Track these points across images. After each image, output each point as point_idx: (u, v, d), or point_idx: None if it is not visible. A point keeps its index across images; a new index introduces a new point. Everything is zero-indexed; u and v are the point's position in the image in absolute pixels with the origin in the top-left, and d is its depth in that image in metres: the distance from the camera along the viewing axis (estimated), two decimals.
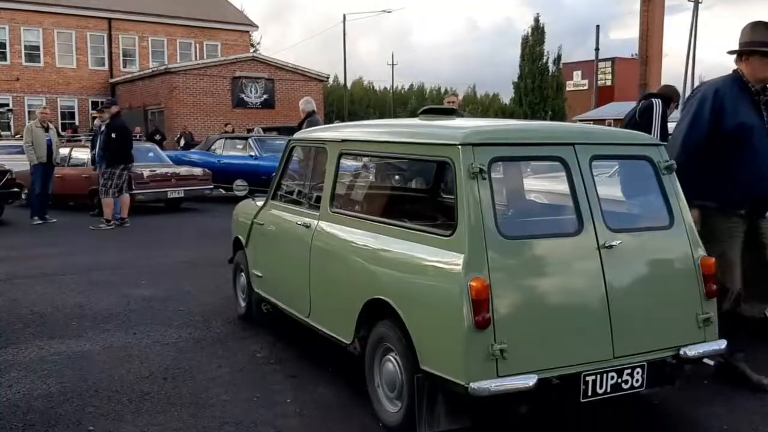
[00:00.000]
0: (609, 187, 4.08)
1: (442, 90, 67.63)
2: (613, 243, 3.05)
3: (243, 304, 5.23)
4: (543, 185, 5.46)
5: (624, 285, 3.09)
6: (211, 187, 13.74)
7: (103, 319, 5.21)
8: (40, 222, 11.05)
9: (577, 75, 51.48)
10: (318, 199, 4.07)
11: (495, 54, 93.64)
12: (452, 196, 3.81)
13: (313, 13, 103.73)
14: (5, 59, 28.96)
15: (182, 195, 13.02)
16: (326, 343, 3.86)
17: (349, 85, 44.54)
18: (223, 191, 14.73)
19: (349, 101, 41.72)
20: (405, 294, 3.11)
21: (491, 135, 3.12)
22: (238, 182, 5.25)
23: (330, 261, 3.79)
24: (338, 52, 40.97)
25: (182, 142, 21.17)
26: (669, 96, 5.77)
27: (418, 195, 4.44)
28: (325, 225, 3.89)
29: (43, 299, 5.85)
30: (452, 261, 2.84)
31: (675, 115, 5.82)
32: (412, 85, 69.96)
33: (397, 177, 4.54)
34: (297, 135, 4.66)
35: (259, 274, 4.80)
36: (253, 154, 14.75)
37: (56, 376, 3.96)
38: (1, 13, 28.45)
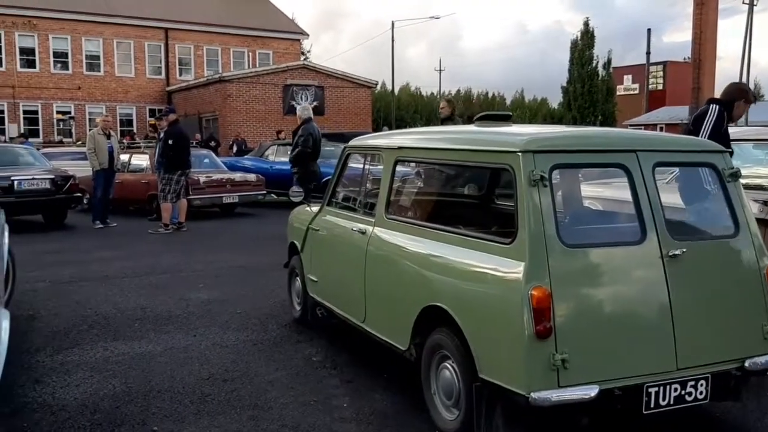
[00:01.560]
0: (671, 194, 3.99)
1: (490, 95, 67.15)
2: (677, 252, 2.99)
3: (298, 308, 5.31)
4: (598, 192, 5.37)
5: (688, 295, 3.02)
6: (264, 192, 13.97)
7: (163, 321, 5.35)
8: (102, 226, 11.42)
9: (627, 79, 50.50)
10: (373, 206, 4.10)
11: (544, 58, 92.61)
12: (509, 203, 3.80)
13: (362, 21, 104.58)
14: (67, 69, 30.12)
15: (236, 200, 13.27)
16: (381, 348, 3.89)
17: (396, 90, 44.67)
18: (275, 196, 14.98)
19: (396, 107, 41.82)
20: (463, 302, 3.11)
21: (552, 142, 3.09)
22: (294, 188, 5.35)
23: (386, 267, 3.81)
24: (386, 58, 41.14)
25: (235, 149, 21.59)
26: (731, 99, 5.44)
27: (474, 201, 4.42)
28: (380, 231, 3.92)
29: (107, 301, 6.05)
30: (512, 269, 2.83)
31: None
32: (459, 90, 69.63)
33: (452, 183, 4.53)
34: (352, 142, 4.71)
35: (314, 279, 4.86)
36: None
37: (121, 377, 4.09)
38: (64, 24, 29.61)
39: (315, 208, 5.15)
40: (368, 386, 3.94)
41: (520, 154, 2.90)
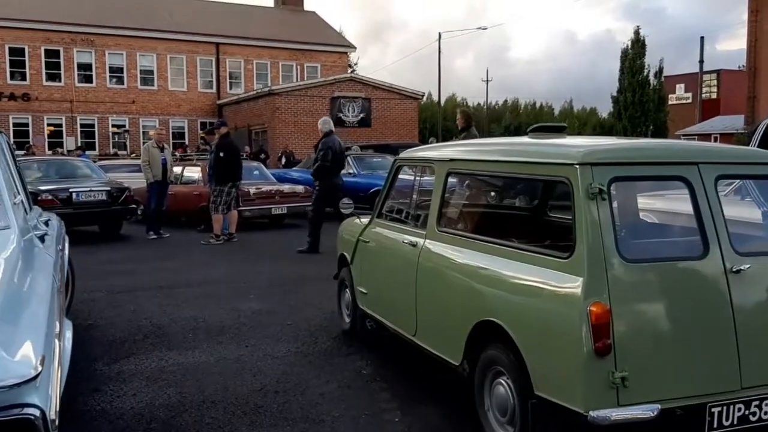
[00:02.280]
0: (734, 207, 3.86)
1: (537, 105, 66.44)
2: (741, 267, 2.89)
3: (347, 320, 5.31)
4: (653, 204, 5.23)
5: (753, 312, 2.92)
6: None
7: (216, 332, 5.43)
8: (156, 237, 11.68)
9: (680, 88, 49.35)
10: (425, 218, 4.08)
11: (593, 67, 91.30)
12: (565, 216, 3.73)
13: (409, 33, 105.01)
14: (123, 83, 31.10)
15: (285, 211, 13.41)
16: (432, 361, 3.85)
17: (442, 101, 44.65)
18: None
19: (442, 117, 41.81)
20: (518, 317, 3.05)
21: (611, 154, 3.02)
22: (345, 200, 5.36)
23: (438, 280, 3.78)
24: (433, 69, 41.16)
25: (283, 160, 21.89)
26: None
27: (528, 214, 4.36)
28: (432, 244, 3.90)
29: (161, 311, 6.17)
30: (570, 284, 2.77)
31: None
32: (506, 100, 69.16)
33: (505, 196, 4.48)
34: (403, 154, 4.70)
35: (364, 291, 4.86)
36: (351, 171, 15.04)
37: (175, 387, 4.15)
38: (120, 40, 30.61)
39: (365, 220, 5.16)
40: (419, 400, 3.91)
41: (578, 166, 2.85)
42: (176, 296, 6.90)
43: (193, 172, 13.70)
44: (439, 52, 39.79)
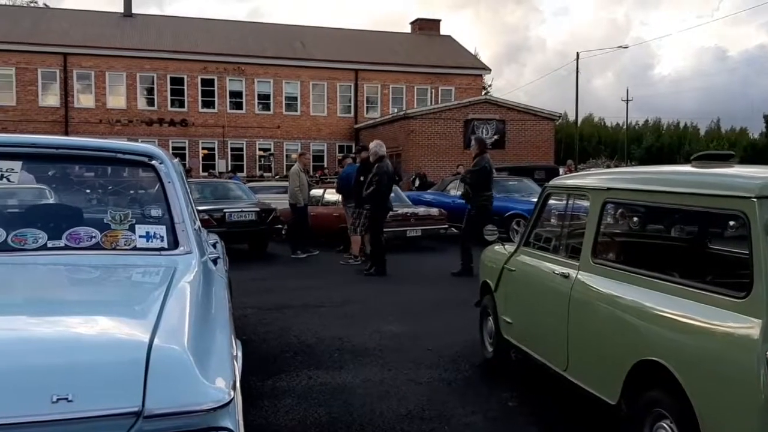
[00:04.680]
0: None
1: (681, 125, 62.66)
2: None
3: (490, 348, 5.24)
4: None
5: None
6: (446, 226, 14.12)
7: (359, 353, 5.55)
8: (304, 256, 12.19)
9: None
10: (578, 249, 3.95)
11: (745, 85, 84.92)
12: (735, 251, 3.47)
13: (546, 53, 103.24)
14: (269, 109, 33.01)
15: (419, 234, 13.53)
16: (583, 397, 3.70)
17: (579, 122, 43.35)
18: (456, 230, 15.06)
19: (579, 138, 40.52)
20: (685, 359, 2.86)
21: None
22: (489, 227, 5.32)
23: (593, 315, 3.64)
24: (570, 89, 40.11)
25: (417, 183, 22.14)
26: None
27: (693, 248, 4.09)
28: (585, 276, 3.76)
29: (308, 329, 6.41)
30: (746, 326, 2.56)
31: None
32: (647, 120, 65.89)
33: (667, 228, 4.24)
34: (553, 182, 4.60)
35: (509, 321, 4.77)
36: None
37: (325, 406, 4.28)
38: (268, 69, 32.57)
39: (509, 248, 5.09)
40: None
41: (755, 200, 2.64)
42: (320, 315, 7.14)
43: (333, 194, 14.20)
44: (577, 71, 38.82)
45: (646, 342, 3.12)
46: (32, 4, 45.55)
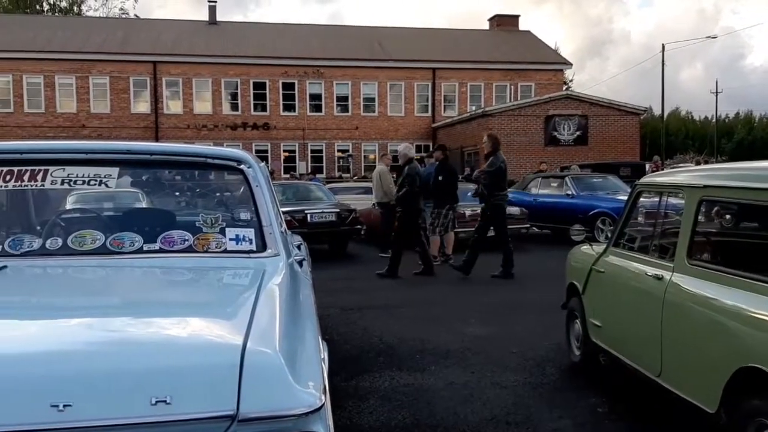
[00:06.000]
0: None
1: None
2: None
3: (577, 352, 5.08)
4: None
5: None
6: (528, 226, 13.85)
7: (442, 355, 5.50)
8: (387, 256, 12.25)
9: None
10: (671, 249, 3.77)
11: None
12: None
13: (631, 46, 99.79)
14: (347, 111, 33.44)
15: None
16: (677, 404, 3.52)
17: (665, 116, 41.64)
18: (537, 230, 14.77)
19: (666, 133, 38.92)
20: None
21: None
22: (576, 227, 5.19)
23: (689, 319, 3.46)
24: (655, 82, 38.64)
25: None
26: None
27: None
28: (681, 278, 3.58)
29: (389, 330, 6.42)
30: None
31: None
32: (737, 113, 62.62)
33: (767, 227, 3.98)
34: (644, 180, 4.42)
35: (598, 324, 4.62)
36: (569, 193, 14.53)
37: (408, 408, 4.26)
38: (346, 71, 33.00)
39: (597, 248, 4.92)
40: None
41: None
42: (401, 316, 7.14)
43: None
44: (663, 63, 37.35)
45: (748, 348, 2.94)
46: (123, 16, 47.95)
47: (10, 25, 33.48)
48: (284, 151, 32.86)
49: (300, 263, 3.21)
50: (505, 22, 39.17)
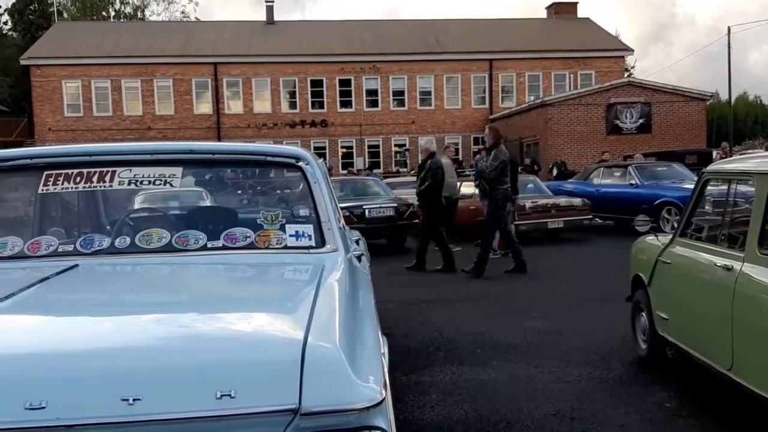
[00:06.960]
0: None
1: None
2: None
3: (644, 346, 4.95)
4: None
5: None
6: (590, 217, 13.55)
7: (503, 349, 5.45)
8: (457, 249, 12.18)
9: None
10: (741, 239, 3.63)
11: None
12: None
13: (695, 29, 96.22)
14: (403, 105, 33.44)
15: (561, 225, 13.08)
16: (751, 398, 3.38)
17: (732, 101, 39.98)
18: (600, 221, 14.42)
19: (733, 119, 37.38)
20: None
21: None
22: (640, 217, 5.04)
23: (761, 310, 3.32)
24: (722, 66, 37.17)
25: (554, 172, 21.42)
26: None
27: None
28: (751, 268, 3.44)
29: (448, 324, 6.39)
30: None
31: None
32: None
33: None
34: (712, 167, 4.26)
35: (665, 317, 4.48)
36: (633, 182, 14.14)
37: (470, 403, 4.23)
38: (402, 65, 32.99)
39: (663, 239, 4.78)
40: None
41: None
42: (460, 310, 7.11)
43: (470, 187, 14.06)
44: (729, 47, 35.76)
45: None
46: (185, 19, 49.25)
47: (78, 32, 34.86)
48: (342, 147, 33.12)
49: (359, 258, 3.23)
50: (563, 10, 38.29)
